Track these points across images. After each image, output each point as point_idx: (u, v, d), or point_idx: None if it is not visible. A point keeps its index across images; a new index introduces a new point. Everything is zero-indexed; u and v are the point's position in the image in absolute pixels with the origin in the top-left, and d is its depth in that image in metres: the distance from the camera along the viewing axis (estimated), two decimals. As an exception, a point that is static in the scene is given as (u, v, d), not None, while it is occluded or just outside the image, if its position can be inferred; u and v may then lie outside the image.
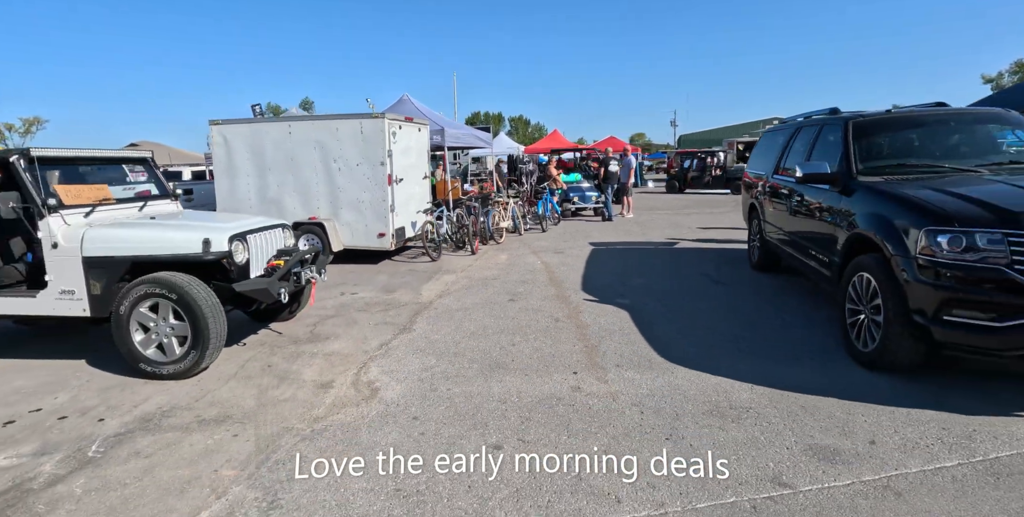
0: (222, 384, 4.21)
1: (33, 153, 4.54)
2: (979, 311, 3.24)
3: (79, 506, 2.75)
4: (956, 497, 2.57)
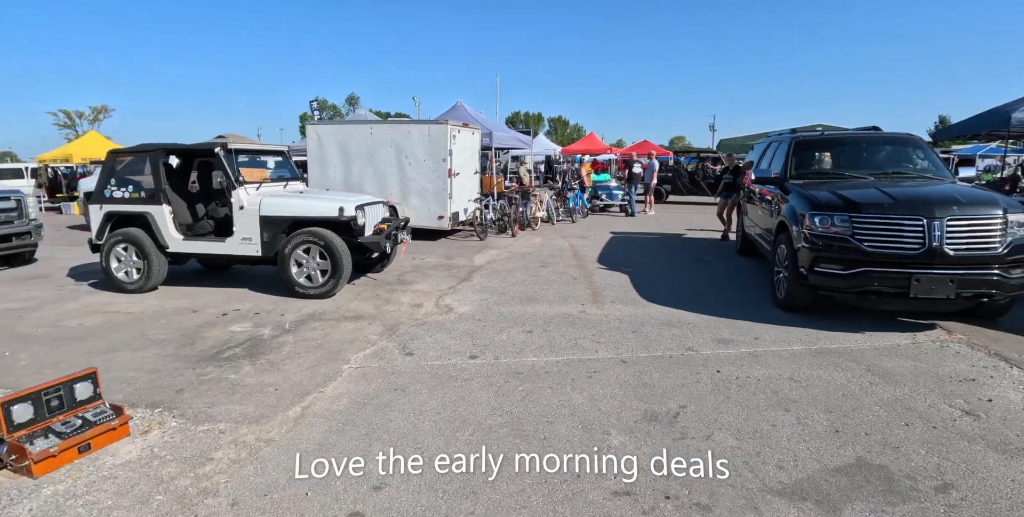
0: (349, 301, 6.47)
1: (229, 146, 6.89)
2: (834, 264, 5.24)
3: (295, 344, 5.00)
4: (788, 358, 4.60)
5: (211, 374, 4.32)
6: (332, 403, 3.80)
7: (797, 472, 2.93)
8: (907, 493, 2.75)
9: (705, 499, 2.70)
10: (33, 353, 4.85)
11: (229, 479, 2.91)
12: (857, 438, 3.28)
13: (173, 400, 3.85)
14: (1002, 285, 4.95)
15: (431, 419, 3.54)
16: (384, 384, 4.11)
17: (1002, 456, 3.10)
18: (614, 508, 2.64)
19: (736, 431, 3.36)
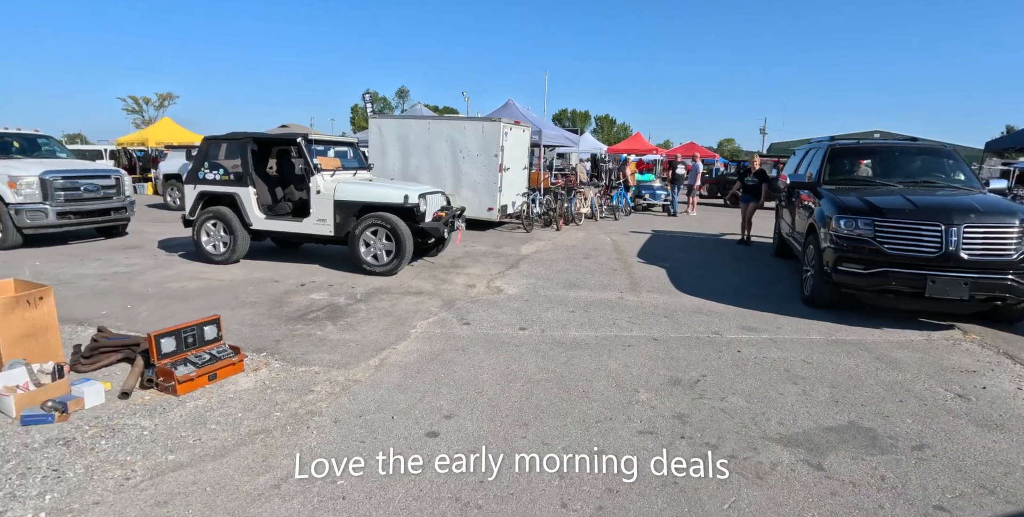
0: (410, 280, 7.23)
1: (310, 136, 7.73)
2: (856, 263, 5.72)
3: (368, 311, 5.77)
4: (805, 345, 5.12)
5: (301, 330, 5.11)
6: (404, 357, 4.54)
7: (795, 428, 3.51)
8: (886, 448, 3.31)
9: (714, 440, 3.32)
10: (149, 307, 5.76)
11: (329, 405, 3.66)
12: (853, 408, 3.83)
13: (273, 348, 4.65)
14: (1015, 290, 5.35)
15: (488, 373, 4.24)
16: (446, 345, 4.83)
17: (980, 429, 3.61)
18: (639, 441, 3.28)
19: (747, 396, 3.95)
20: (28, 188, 8.93)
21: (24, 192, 8.92)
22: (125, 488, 2.75)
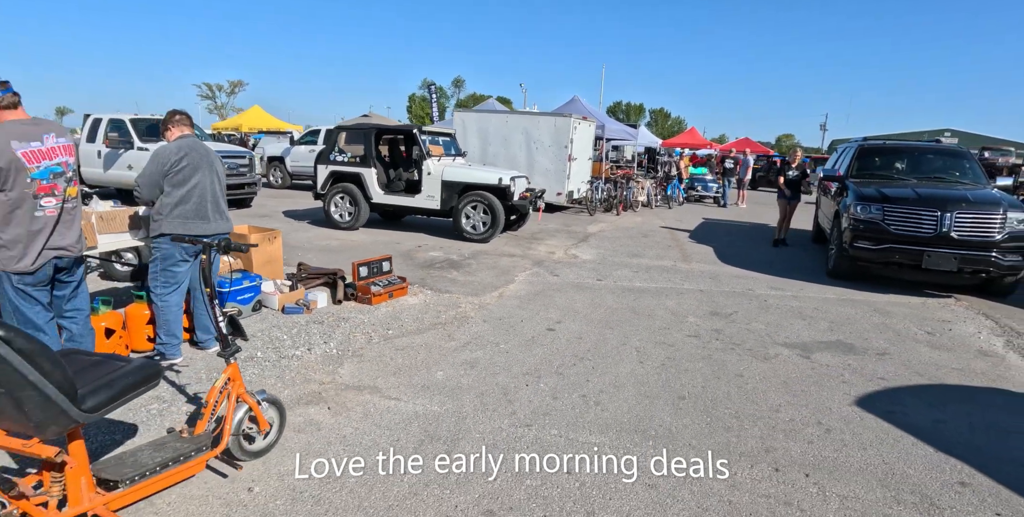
0: (502, 246, 9.08)
1: (423, 128, 9.65)
2: (868, 241, 7.24)
3: (477, 265, 7.63)
4: (820, 301, 6.71)
5: (435, 274, 7.02)
6: (516, 292, 6.38)
7: (796, 340, 5.18)
8: (858, 352, 4.95)
9: (738, 342, 5.02)
10: (314, 256, 7.76)
11: (475, 314, 5.52)
12: (842, 333, 5.46)
13: (421, 283, 6.55)
14: (997, 265, 6.80)
15: (579, 302, 6.04)
16: (545, 287, 6.65)
17: (932, 349, 5.19)
18: (687, 339, 5.02)
19: (766, 323, 5.63)
20: None
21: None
22: (372, 343, 4.66)
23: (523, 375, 4.11)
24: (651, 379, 4.14)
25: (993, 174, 12.22)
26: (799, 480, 2.94)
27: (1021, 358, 5.07)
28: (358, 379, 3.94)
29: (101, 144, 11.85)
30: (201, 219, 3.95)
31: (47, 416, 1.84)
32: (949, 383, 4.40)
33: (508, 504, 2.63)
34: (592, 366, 4.34)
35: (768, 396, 3.94)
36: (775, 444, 3.29)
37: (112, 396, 2.05)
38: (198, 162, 3.95)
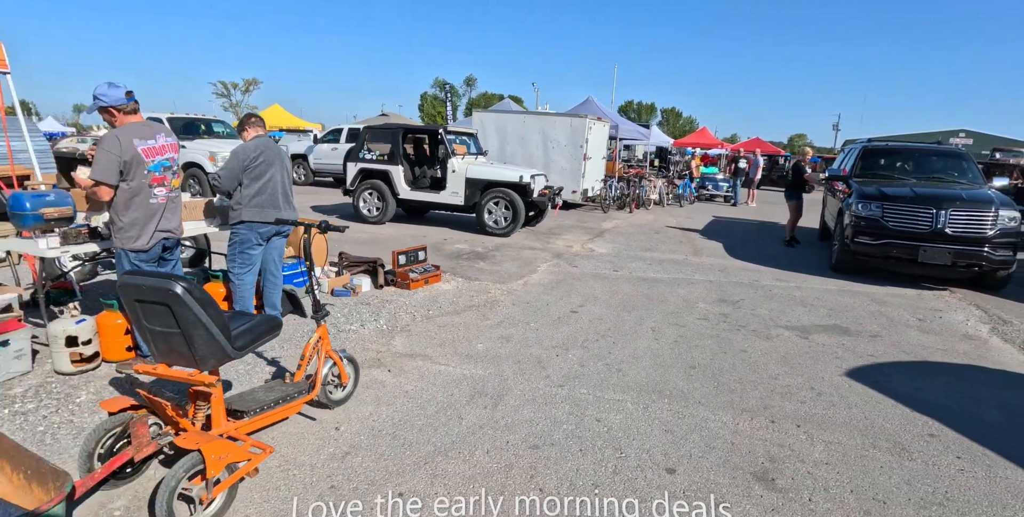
0: (522, 240, 9.66)
1: (448, 128, 10.24)
2: (867, 236, 7.75)
3: (501, 256, 8.21)
4: (821, 291, 7.24)
5: (463, 264, 7.60)
6: (539, 280, 6.95)
7: (796, 323, 5.72)
8: (852, 334, 5.48)
9: (743, 324, 5.57)
10: (348, 248, 8.34)
11: (505, 298, 6.10)
12: (839, 319, 5.99)
13: (452, 271, 7.14)
14: (989, 259, 7.29)
15: (598, 290, 6.60)
16: (565, 276, 7.22)
17: (921, 333, 5.71)
18: (698, 322, 5.57)
19: (769, 309, 6.17)
20: (223, 161, 11.81)
21: (220, 164, 11.80)
22: (416, 321, 5.25)
23: (553, 348, 4.68)
24: (665, 352, 4.71)
25: (1001, 174, 12.69)
26: (791, 429, 3.49)
27: (1003, 342, 5.58)
28: (410, 349, 4.53)
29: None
30: (274, 208, 4.54)
31: (210, 351, 2.43)
32: (932, 360, 4.92)
33: (549, 441, 3.21)
34: (613, 341, 4.91)
35: (768, 367, 4.49)
36: (772, 403, 3.84)
37: (252, 339, 2.64)
38: (272, 159, 4.55)
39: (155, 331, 2.43)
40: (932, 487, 2.96)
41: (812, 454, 3.23)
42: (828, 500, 2.80)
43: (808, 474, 3.02)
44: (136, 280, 2.37)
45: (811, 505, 2.76)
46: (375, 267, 6.60)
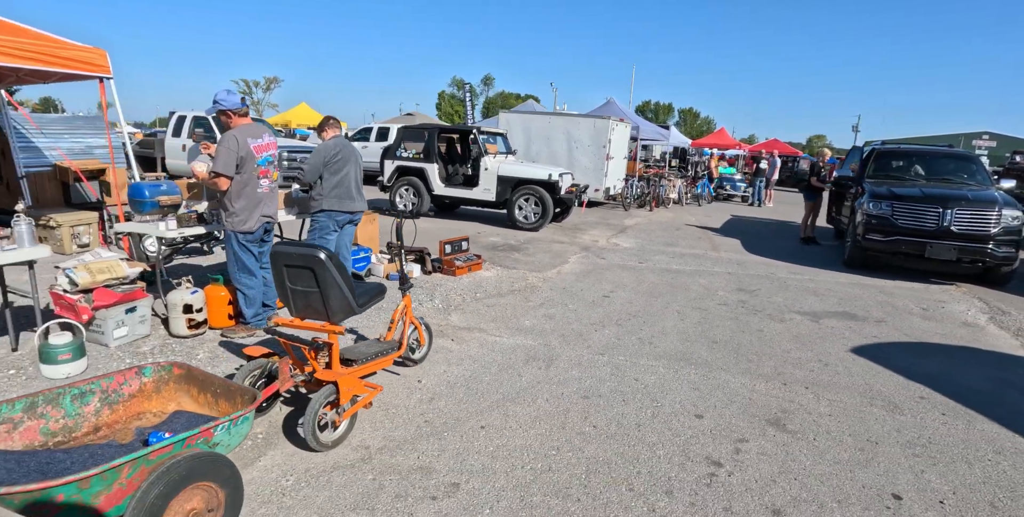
0: (551, 234, 10.31)
1: (481, 128, 10.91)
2: (878, 233, 8.32)
3: (534, 248, 8.86)
4: (832, 283, 7.82)
5: (500, 255, 8.27)
6: (571, 270, 7.60)
7: (808, 309, 6.32)
8: (859, 319, 6.07)
9: (759, 309, 6.18)
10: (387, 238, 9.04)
11: (542, 284, 6.75)
12: (848, 306, 6.58)
13: (491, 261, 7.80)
14: (992, 255, 7.83)
15: (626, 278, 7.24)
16: (594, 267, 7.86)
17: (924, 320, 6.29)
18: (718, 306, 6.19)
19: (784, 298, 6.77)
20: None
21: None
22: (467, 302, 5.92)
23: (591, 325, 5.34)
24: (690, 330, 5.34)
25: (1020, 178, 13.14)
26: (800, 391, 4.12)
27: (999, 329, 6.14)
28: (466, 323, 5.20)
29: (186, 139, 13.33)
30: (349, 199, 5.23)
31: (340, 307, 3.11)
32: (930, 342, 5.51)
33: (596, 394, 3.86)
34: (643, 321, 5.55)
35: (781, 344, 5.11)
36: (784, 370, 4.47)
37: (368, 299, 3.31)
38: (348, 156, 5.23)
39: (296, 290, 3.11)
40: (917, 434, 3.58)
41: (817, 408, 3.85)
42: (829, 440, 3.43)
43: (814, 422, 3.64)
44: (286, 248, 3.05)
45: (815, 443, 3.38)
46: (423, 255, 7.28)
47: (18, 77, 6.79)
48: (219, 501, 2.25)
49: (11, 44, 5.15)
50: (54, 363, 3.70)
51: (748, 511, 2.69)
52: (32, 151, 7.89)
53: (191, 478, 2.13)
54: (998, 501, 2.91)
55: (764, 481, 2.95)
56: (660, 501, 2.74)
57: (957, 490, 2.98)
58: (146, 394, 2.80)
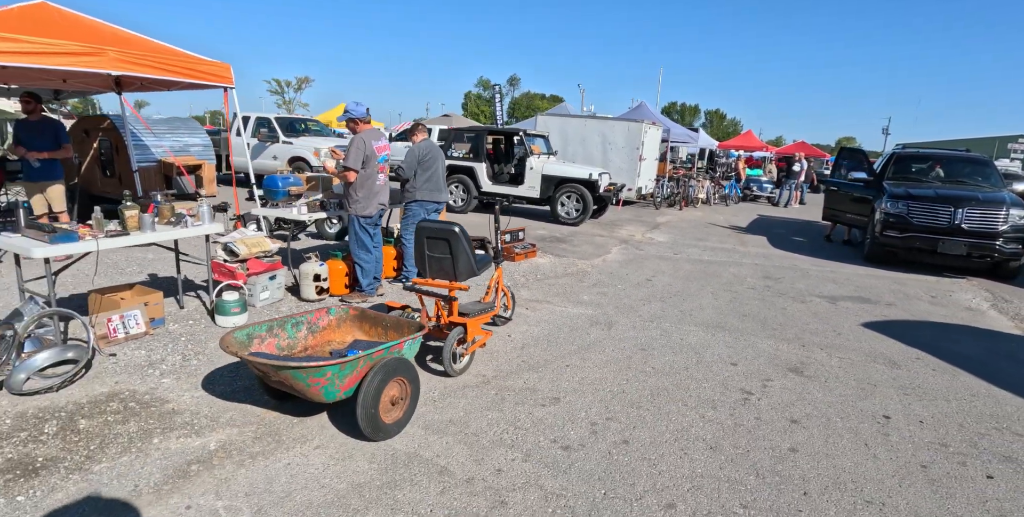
0: (590, 229, 11.33)
1: (527, 131, 11.98)
2: (894, 230, 9.21)
3: (578, 241, 9.90)
4: (851, 274, 8.74)
5: (548, 245, 9.31)
6: (614, 259, 8.62)
7: (827, 294, 7.27)
8: (872, 302, 7.01)
9: (784, 292, 7.15)
10: (449, 230, 10.14)
11: (591, 270, 7.79)
12: (863, 293, 7.50)
13: (542, 250, 8.84)
14: (1000, 251, 8.69)
15: (664, 267, 8.24)
16: (635, 257, 8.87)
17: (931, 305, 7.20)
18: (748, 290, 7.17)
19: (806, 284, 7.72)
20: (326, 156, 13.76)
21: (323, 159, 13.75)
22: (530, 281, 6.97)
23: (639, 300, 6.36)
24: (723, 306, 6.34)
25: None
26: (816, 351, 5.10)
27: (998, 313, 7.04)
28: (534, 297, 6.26)
29: (250, 138, 14.58)
30: (438, 191, 6.31)
31: (465, 270, 4.17)
32: (932, 321, 6.44)
33: (651, 347, 4.89)
34: (682, 299, 6.56)
35: (802, 318, 6.08)
36: (803, 337, 5.45)
37: (482, 266, 4.37)
38: (436, 156, 6.32)
39: (433, 257, 4.18)
40: (910, 381, 4.55)
41: (829, 362, 4.84)
42: (837, 382, 4.41)
43: (826, 371, 4.63)
44: (429, 224, 4.12)
45: (826, 384, 4.37)
46: (483, 244, 8.34)
47: (142, 84, 8.00)
48: (407, 392, 3.32)
49: (158, 59, 6.31)
50: (227, 315, 4.82)
51: (772, 420, 3.71)
52: (142, 148, 9.11)
53: (395, 373, 3.20)
54: (965, 423, 3.87)
55: (785, 403, 3.96)
56: (708, 412, 3.76)
57: (935, 416, 3.95)
58: (332, 327, 3.89)
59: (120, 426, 3.24)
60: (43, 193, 6.82)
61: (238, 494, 2.69)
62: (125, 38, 6.36)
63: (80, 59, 5.54)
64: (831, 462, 3.24)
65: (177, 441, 3.12)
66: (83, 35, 5.83)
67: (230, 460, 2.96)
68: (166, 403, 3.52)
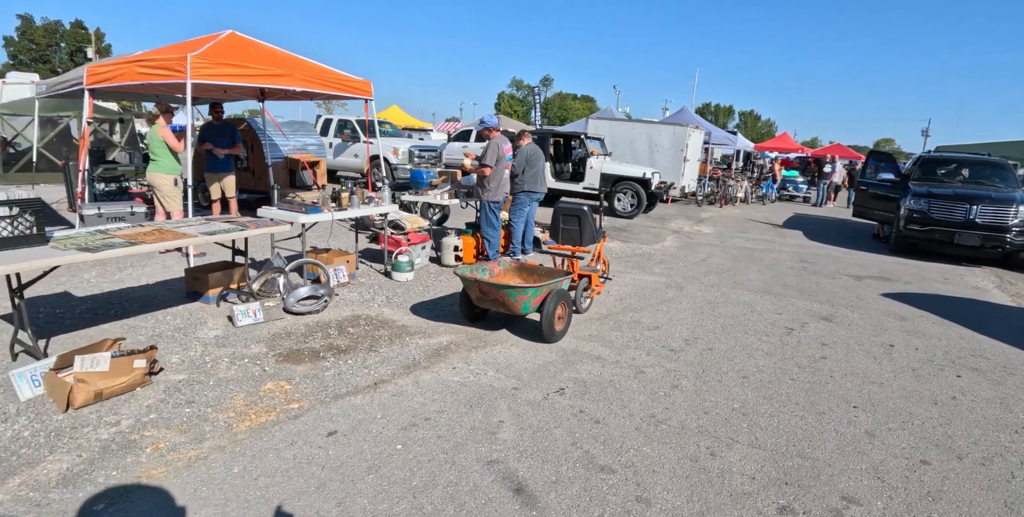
0: (644, 222, 13.05)
1: (588, 133, 13.75)
2: (916, 224, 10.77)
3: (636, 232, 11.62)
4: (877, 261, 10.32)
5: (614, 233, 11.06)
6: (671, 245, 10.34)
7: (854, 273, 8.89)
8: (891, 280, 8.62)
9: (819, 271, 8.80)
10: (524, 220, 11.94)
11: (656, 253, 9.52)
12: (886, 274, 9.11)
13: (610, 237, 10.58)
14: (1010, 243, 10.21)
15: (714, 252, 9.94)
16: (687, 243, 10.58)
17: (943, 284, 8.77)
18: (786, 269, 8.84)
19: (836, 267, 9.35)
20: (403, 155, 15.70)
21: (400, 157, 15.69)
22: (610, 260, 8.72)
23: (699, 273, 8.09)
24: (767, 279, 8.03)
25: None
26: (842, 308, 6.78)
27: (1000, 292, 8.60)
28: (616, 269, 8.01)
29: (333, 138, 16.59)
30: (541, 184, 8.10)
31: (590, 237, 5.94)
32: (942, 294, 8.05)
33: (715, 303, 6.62)
34: (733, 274, 8.27)
35: (832, 289, 7.75)
36: (833, 300, 7.13)
37: (599, 237, 6.15)
38: (538, 155, 8.10)
39: (565, 229, 5.97)
40: (913, 328, 6.21)
41: (852, 316, 6.51)
42: (857, 327, 6.10)
43: (849, 320, 6.32)
44: (563, 205, 5.91)
45: (849, 327, 6.06)
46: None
47: (286, 94, 9.92)
48: (566, 312, 5.11)
49: (324, 77, 8.18)
50: (402, 272, 6.66)
51: (808, 342, 5.42)
52: (272, 147, 11.07)
53: (561, 297, 4.98)
54: (949, 351, 5.53)
55: (817, 335, 5.67)
56: (763, 337, 5.49)
57: (927, 346, 5.62)
58: (501, 274, 5.70)
59: (377, 332, 5.08)
60: (220, 182, 8.76)
61: (479, 362, 4.50)
62: (292, 60, 8.26)
63: (278, 79, 7.43)
64: (849, 364, 4.95)
65: (420, 340, 4.94)
66: (269, 59, 7.72)
67: (461, 349, 4.77)
68: (395, 322, 5.36)
